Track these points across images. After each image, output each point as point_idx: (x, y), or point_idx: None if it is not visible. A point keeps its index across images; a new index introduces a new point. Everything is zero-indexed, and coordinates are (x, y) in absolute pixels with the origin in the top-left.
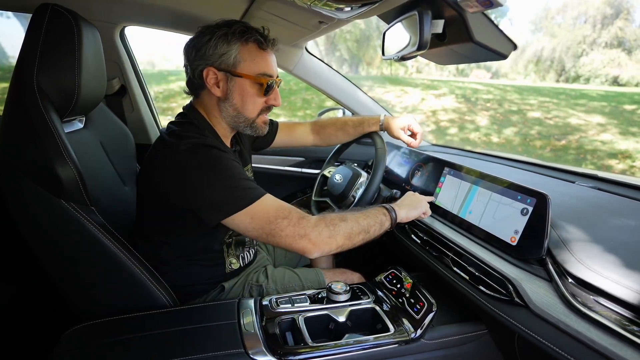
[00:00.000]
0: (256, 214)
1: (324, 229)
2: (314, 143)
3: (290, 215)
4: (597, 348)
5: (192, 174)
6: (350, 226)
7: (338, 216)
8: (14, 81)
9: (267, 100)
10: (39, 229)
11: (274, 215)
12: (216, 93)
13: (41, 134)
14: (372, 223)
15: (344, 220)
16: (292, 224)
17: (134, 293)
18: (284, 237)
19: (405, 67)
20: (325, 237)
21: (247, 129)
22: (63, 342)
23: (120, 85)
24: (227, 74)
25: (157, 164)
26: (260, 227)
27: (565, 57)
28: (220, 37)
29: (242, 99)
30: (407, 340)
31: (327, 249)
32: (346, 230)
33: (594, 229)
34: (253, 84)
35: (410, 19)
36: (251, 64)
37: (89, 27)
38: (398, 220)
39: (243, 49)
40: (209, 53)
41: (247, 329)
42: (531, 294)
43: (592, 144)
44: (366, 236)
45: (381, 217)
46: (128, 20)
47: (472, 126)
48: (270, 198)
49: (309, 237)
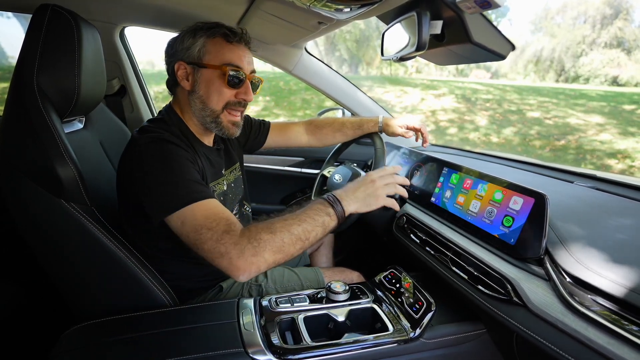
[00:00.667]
0: (187, 219)
1: (246, 247)
2: (309, 143)
3: (216, 226)
4: (594, 347)
5: (142, 167)
6: (279, 238)
7: (266, 227)
8: (14, 81)
9: (237, 94)
10: (39, 228)
11: (200, 224)
12: (185, 86)
13: (41, 134)
14: (309, 228)
15: (272, 232)
16: (214, 238)
17: (133, 292)
18: (205, 252)
19: (405, 67)
20: (249, 256)
21: (213, 125)
22: (63, 341)
23: (120, 86)
24: (194, 67)
25: (124, 159)
26: (186, 235)
27: (565, 57)
28: (187, 32)
29: (207, 89)
30: (406, 339)
31: (254, 270)
32: (274, 245)
33: (592, 229)
34: (219, 74)
35: (409, 20)
36: (216, 55)
37: (89, 28)
38: (347, 214)
39: (208, 42)
40: (178, 48)
41: (246, 329)
42: (529, 293)
43: (592, 144)
44: (305, 244)
45: (323, 217)
46: (128, 20)
47: (472, 126)
48: (208, 204)
49: (230, 257)
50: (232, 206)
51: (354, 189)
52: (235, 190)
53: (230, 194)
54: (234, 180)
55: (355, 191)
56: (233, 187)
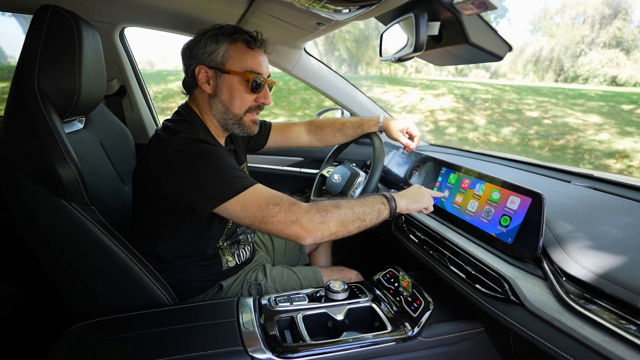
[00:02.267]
0: (248, 201)
1: (315, 215)
2: (310, 144)
3: (282, 201)
4: (590, 345)
5: (184, 164)
6: (344, 213)
7: (332, 203)
8: (15, 82)
9: (257, 99)
10: (39, 228)
11: (265, 202)
12: (207, 90)
13: (42, 134)
14: (368, 211)
15: (338, 207)
16: (284, 210)
17: (133, 292)
18: (275, 224)
19: (405, 67)
20: (317, 223)
21: (235, 126)
22: (62, 340)
23: (119, 86)
24: (216, 71)
25: (151, 158)
26: (252, 215)
27: (564, 57)
28: (209, 37)
29: (230, 95)
30: (405, 338)
31: (319, 235)
32: (339, 217)
33: (588, 228)
34: (241, 80)
35: (407, 21)
36: (239, 62)
37: (89, 28)
38: (398, 210)
39: (231, 48)
40: (200, 52)
41: (246, 327)
42: (526, 292)
43: (590, 143)
44: (362, 224)
45: (379, 205)
46: (127, 21)
47: (471, 126)
48: (261, 187)
49: (301, 223)
50: None
51: (405, 191)
52: None
53: None
54: None
55: (407, 191)
56: None
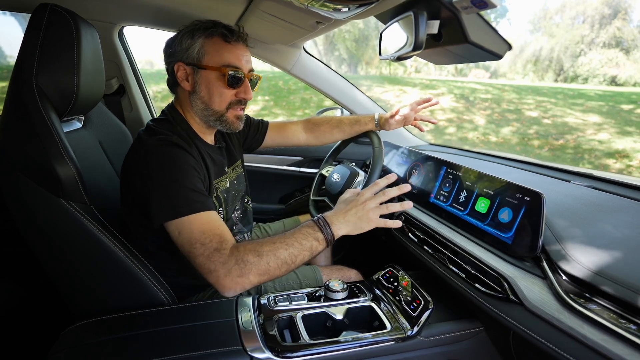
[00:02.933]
0: (183, 229)
1: (233, 268)
2: (307, 142)
3: (209, 243)
4: (589, 344)
5: (148, 169)
6: (265, 262)
7: (253, 249)
8: (13, 80)
9: (237, 94)
10: (37, 227)
11: (195, 238)
12: (186, 87)
13: (40, 133)
14: (296, 253)
15: (259, 255)
16: (205, 255)
17: (132, 291)
18: (196, 266)
19: (404, 67)
20: (235, 277)
21: (217, 123)
22: (62, 339)
23: (119, 85)
24: (193, 68)
25: (129, 157)
26: (181, 245)
27: (564, 57)
28: (185, 33)
29: (208, 90)
30: (404, 337)
31: (239, 288)
32: (261, 267)
33: (588, 227)
34: (218, 75)
35: (406, 20)
36: (215, 56)
37: (88, 27)
38: (336, 238)
39: (207, 42)
40: (177, 49)
41: (245, 327)
42: (526, 291)
43: (590, 143)
44: (290, 267)
45: (311, 242)
46: (126, 20)
47: (471, 125)
48: (206, 217)
49: (217, 275)
50: (235, 202)
51: (344, 212)
52: (238, 187)
53: (233, 190)
54: (237, 178)
55: (346, 214)
56: (235, 184)
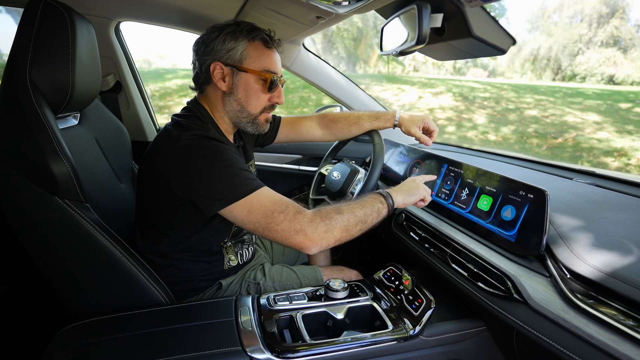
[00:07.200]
0: (253, 206)
1: (320, 224)
2: (323, 138)
3: (287, 209)
4: (595, 343)
5: (193, 162)
6: (346, 218)
7: (334, 209)
8: (7, 76)
9: (271, 98)
10: (32, 226)
11: (271, 209)
12: (222, 87)
13: (34, 130)
14: (368, 212)
15: (340, 212)
16: (288, 219)
17: (129, 290)
18: (280, 232)
19: (403, 66)
20: (322, 232)
21: (248, 125)
22: (57, 340)
23: (115, 82)
24: (233, 69)
25: (161, 153)
26: (256, 221)
27: (562, 56)
28: (228, 33)
29: (246, 93)
30: (406, 337)
31: (324, 244)
32: (343, 223)
33: (592, 225)
34: (258, 79)
35: (408, 13)
36: (256, 60)
37: (83, 22)
38: (395, 206)
39: (250, 46)
40: (217, 48)
41: (244, 327)
42: (530, 290)
43: (588, 142)
44: (364, 226)
45: (378, 205)
46: (122, 15)
47: (470, 124)
48: (269, 191)
49: (305, 233)
50: None
51: (399, 185)
52: None
53: None
54: None
55: (402, 186)
56: None
